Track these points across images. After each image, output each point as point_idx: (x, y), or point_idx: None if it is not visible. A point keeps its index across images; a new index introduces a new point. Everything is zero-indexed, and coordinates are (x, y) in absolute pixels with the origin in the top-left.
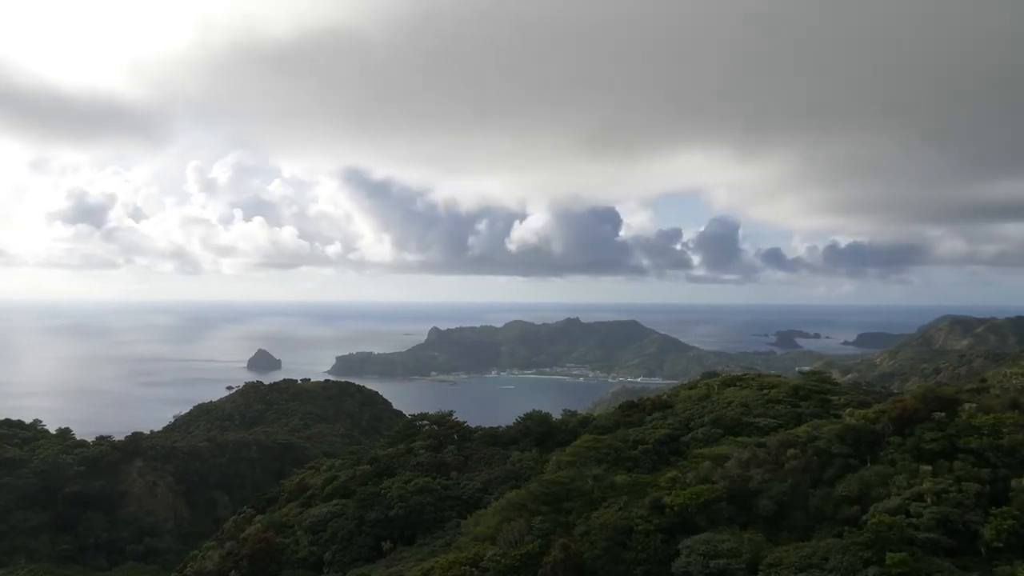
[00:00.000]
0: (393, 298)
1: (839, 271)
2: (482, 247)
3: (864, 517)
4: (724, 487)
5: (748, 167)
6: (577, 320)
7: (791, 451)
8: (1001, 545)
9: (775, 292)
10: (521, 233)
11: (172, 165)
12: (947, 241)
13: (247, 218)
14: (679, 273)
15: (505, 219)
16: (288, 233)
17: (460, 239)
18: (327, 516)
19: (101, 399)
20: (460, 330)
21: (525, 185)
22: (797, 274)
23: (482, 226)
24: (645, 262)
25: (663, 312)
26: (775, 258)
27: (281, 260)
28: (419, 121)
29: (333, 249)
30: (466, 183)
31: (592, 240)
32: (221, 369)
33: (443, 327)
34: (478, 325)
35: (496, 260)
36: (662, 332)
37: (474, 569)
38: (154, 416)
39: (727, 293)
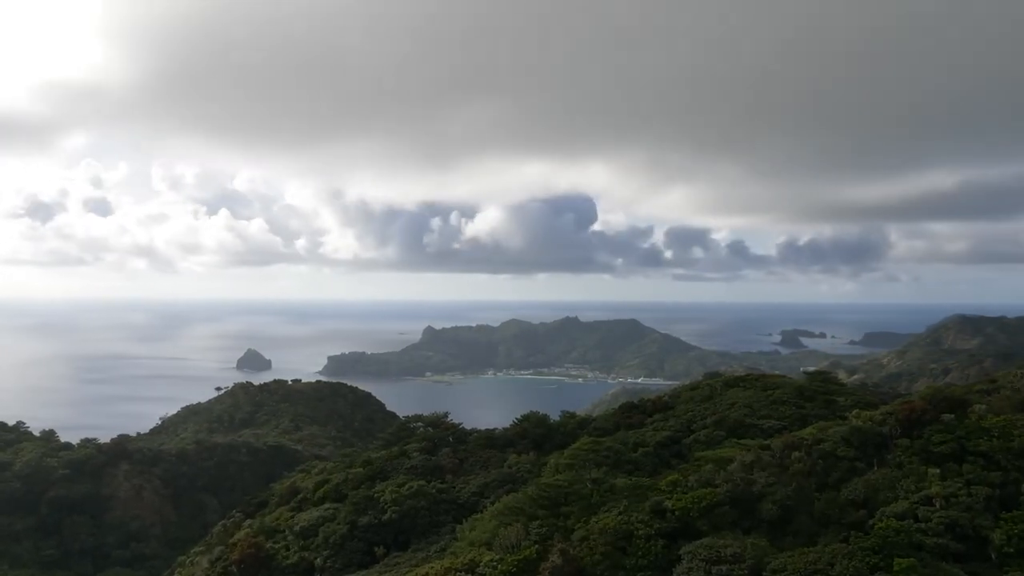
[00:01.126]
0: (371, 296)
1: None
2: (448, 244)
3: (871, 522)
4: (727, 491)
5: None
6: (576, 319)
7: (796, 454)
8: (1011, 551)
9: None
10: (489, 231)
11: (137, 167)
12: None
13: (212, 214)
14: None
15: (474, 216)
16: (257, 230)
17: (420, 237)
18: (319, 521)
19: (66, 398)
20: (455, 329)
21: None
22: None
23: (437, 223)
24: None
25: (657, 310)
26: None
27: (253, 258)
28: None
29: (306, 247)
30: (360, 187)
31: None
32: (198, 368)
33: (437, 326)
34: (473, 324)
35: (461, 258)
36: (662, 331)
37: (470, 575)
38: (120, 414)
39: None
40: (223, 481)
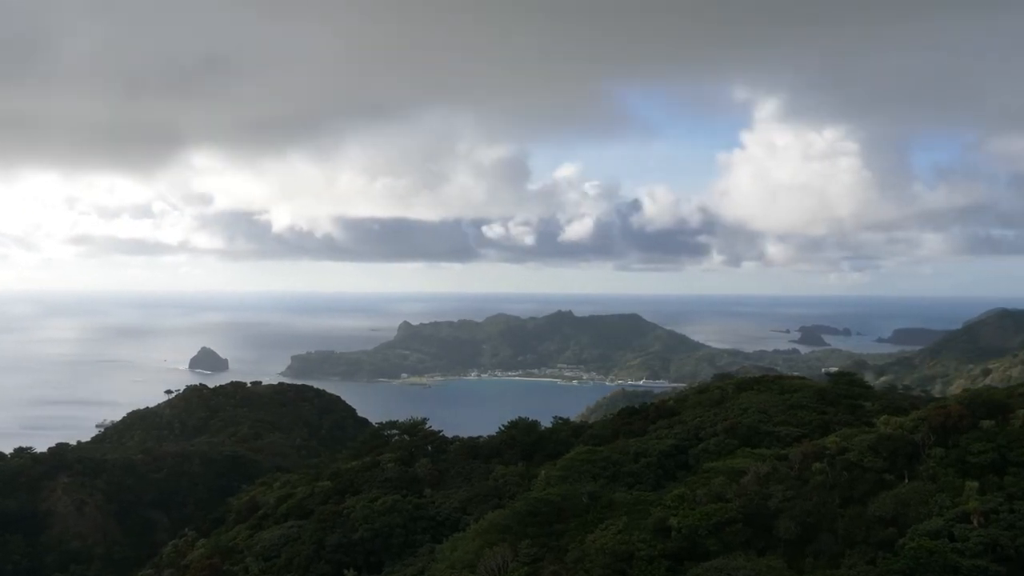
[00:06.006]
0: (257, 287)
1: None
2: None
3: (901, 541)
4: (739, 506)
5: None
6: (570, 313)
7: (817, 465)
8: None
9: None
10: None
11: None
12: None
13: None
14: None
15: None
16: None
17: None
18: (281, 540)
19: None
20: (435, 325)
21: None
22: None
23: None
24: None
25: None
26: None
27: (131, 248)
28: None
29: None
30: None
31: None
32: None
33: (414, 322)
34: (455, 320)
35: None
36: (667, 328)
37: None
38: None
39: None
40: (174, 495)
